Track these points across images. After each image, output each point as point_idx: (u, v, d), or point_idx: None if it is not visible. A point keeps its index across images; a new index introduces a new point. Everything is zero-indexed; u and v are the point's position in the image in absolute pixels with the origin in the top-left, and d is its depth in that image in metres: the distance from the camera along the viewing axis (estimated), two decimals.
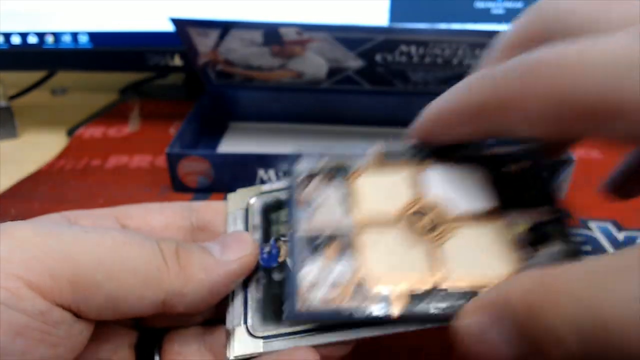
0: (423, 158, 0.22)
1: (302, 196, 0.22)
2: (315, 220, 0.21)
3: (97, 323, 0.19)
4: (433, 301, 0.18)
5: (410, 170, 0.22)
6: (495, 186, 0.21)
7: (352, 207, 0.22)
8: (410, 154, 0.22)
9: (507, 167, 0.22)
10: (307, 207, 0.21)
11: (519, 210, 0.20)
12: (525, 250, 0.19)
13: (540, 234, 0.19)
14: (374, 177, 0.22)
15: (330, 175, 0.22)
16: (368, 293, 0.19)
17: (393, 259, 0.20)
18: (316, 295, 0.19)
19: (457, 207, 0.21)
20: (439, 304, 0.18)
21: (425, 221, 0.20)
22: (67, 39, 0.53)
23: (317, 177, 0.22)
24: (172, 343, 0.22)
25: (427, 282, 0.19)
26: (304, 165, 0.23)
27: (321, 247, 0.20)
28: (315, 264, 0.20)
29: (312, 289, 0.19)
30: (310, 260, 0.20)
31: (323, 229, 0.21)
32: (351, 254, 0.20)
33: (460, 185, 0.21)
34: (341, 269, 0.20)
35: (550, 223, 0.20)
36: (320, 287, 0.19)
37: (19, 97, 0.63)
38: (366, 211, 0.21)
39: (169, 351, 0.21)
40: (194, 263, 0.20)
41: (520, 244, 0.19)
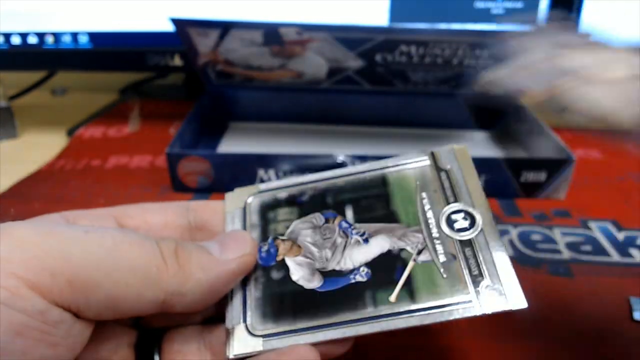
0: None
1: None
2: None
3: (97, 323, 0.19)
4: None
5: None
6: None
7: None
8: None
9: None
10: None
11: None
12: None
13: None
14: None
15: None
16: None
17: None
18: None
19: None
20: None
21: None
22: (67, 39, 0.53)
23: None
24: (172, 342, 0.22)
25: None
26: None
27: None
28: None
29: None
30: None
31: None
32: None
33: None
34: None
35: None
36: None
37: (19, 97, 0.63)
38: None
39: (168, 350, 0.21)
40: (193, 262, 0.20)
41: None
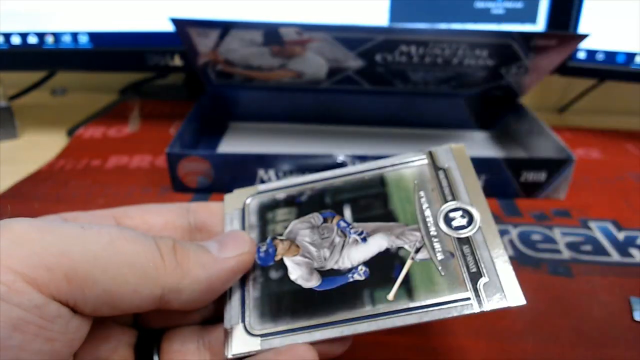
0: None
1: None
2: None
3: (97, 322, 0.20)
4: None
5: None
6: None
7: None
8: None
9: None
10: None
11: None
12: None
13: None
14: None
15: None
16: None
17: None
18: None
19: None
20: None
21: None
22: (67, 39, 0.53)
23: None
24: (171, 342, 0.22)
25: None
26: None
27: None
28: None
29: None
30: None
31: None
32: None
33: None
34: None
35: None
36: None
37: (19, 98, 0.63)
38: None
39: (167, 350, 0.21)
40: (191, 259, 0.20)
41: None
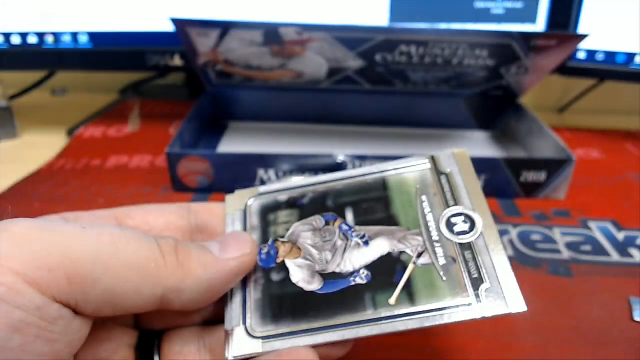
0: None
1: None
2: None
3: (98, 323, 0.20)
4: None
5: None
6: None
7: None
8: None
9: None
10: None
11: None
12: None
13: None
14: None
15: None
16: None
17: None
18: None
19: None
20: None
21: None
22: (67, 39, 0.53)
23: None
24: (172, 343, 0.22)
25: None
26: None
27: None
28: None
29: None
30: None
31: None
32: None
33: None
34: None
35: None
36: None
37: (19, 97, 0.63)
38: None
39: (168, 351, 0.21)
40: (193, 260, 0.20)
41: None
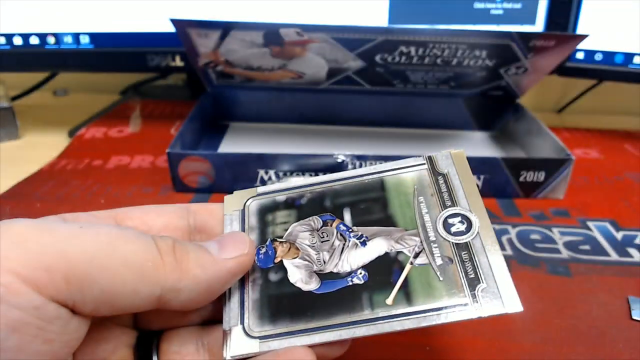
0: None
1: None
2: None
3: (96, 323, 0.20)
4: None
5: None
6: None
7: None
8: None
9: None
10: None
11: None
12: None
13: None
14: None
15: None
16: None
17: None
18: None
19: None
20: None
21: None
22: (68, 40, 0.53)
23: None
24: (170, 343, 0.22)
25: None
26: None
27: None
28: None
29: None
30: None
31: None
32: None
33: None
34: None
35: None
36: None
37: (21, 98, 0.63)
38: None
39: (166, 351, 0.22)
40: (191, 259, 0.20)
41: None
